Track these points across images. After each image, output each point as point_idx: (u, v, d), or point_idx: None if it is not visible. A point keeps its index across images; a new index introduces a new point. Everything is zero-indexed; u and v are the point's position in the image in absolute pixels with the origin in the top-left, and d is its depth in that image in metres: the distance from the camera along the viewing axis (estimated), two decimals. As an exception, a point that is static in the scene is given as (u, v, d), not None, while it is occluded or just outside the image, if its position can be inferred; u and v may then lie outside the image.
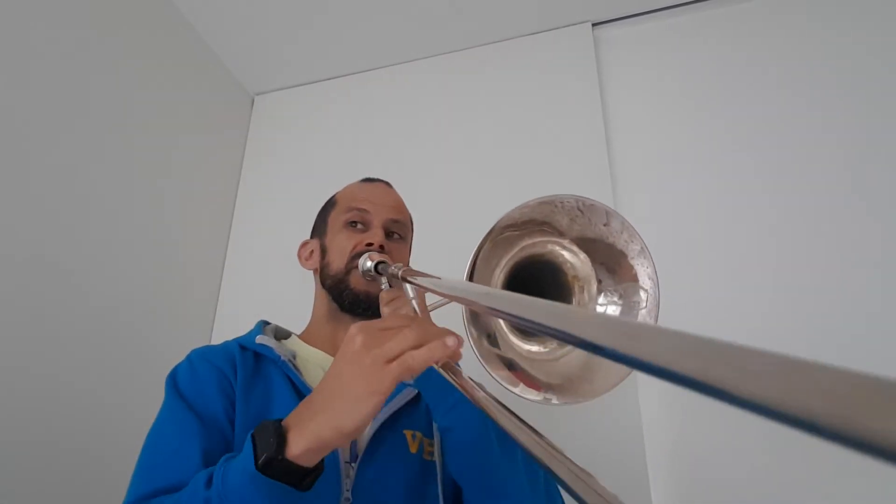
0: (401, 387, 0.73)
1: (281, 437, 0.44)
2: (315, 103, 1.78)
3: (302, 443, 0.44)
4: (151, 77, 1.41)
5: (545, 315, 0.25)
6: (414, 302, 0.62)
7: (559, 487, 0.67)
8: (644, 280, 0.51)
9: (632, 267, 0.51)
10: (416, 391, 0.73)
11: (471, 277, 0.49)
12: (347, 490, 0.62)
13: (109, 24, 1.29)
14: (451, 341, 0.44)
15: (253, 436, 0.46)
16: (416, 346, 0.44)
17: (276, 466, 0.44)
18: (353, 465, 0.64)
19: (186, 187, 1.50)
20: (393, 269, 0.67)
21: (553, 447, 0.31)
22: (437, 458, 0.68)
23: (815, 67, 1.34)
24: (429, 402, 0.65)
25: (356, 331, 0.47)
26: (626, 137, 1.43)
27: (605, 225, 0.51)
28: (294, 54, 1.69)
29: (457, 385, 0.45)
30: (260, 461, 0.43)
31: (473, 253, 0.48)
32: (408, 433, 0.70)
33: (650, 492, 1.06)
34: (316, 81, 1.80)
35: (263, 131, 1.79)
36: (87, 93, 1.21)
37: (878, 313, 1.10)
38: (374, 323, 0.48)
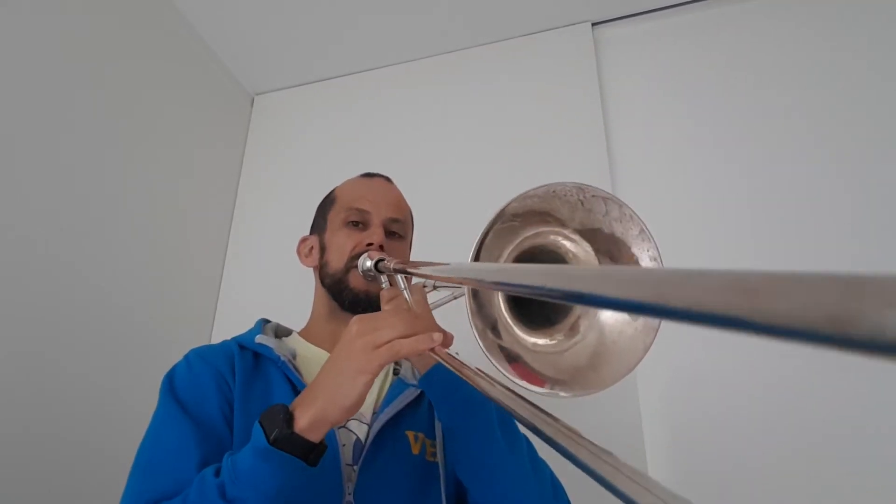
0: (402, 387, 0.72)
1: (289, 415, 0.49)
2: (315, 103, 1.78)
3: (306, 417, 0.48)
4: (151, 77, 1.41)
5: (544, 277, 0.25)
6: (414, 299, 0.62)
7: (564, 485, 0.66)
8: (645, 262, 0.50)
9: (632, 253, 0.50)
10: (418, 392, 0.72)
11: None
12: (349, 493, 0.61)
13: (109, 24, 1.29)
14: (437, 336, 0.49)
15: (260, 421, 0.49)
16: (405, 336, 0.49)
17: (286, 441, 0.47)
18: (354, 467, 0.63)
19: (186, 187, 1.50)
20: (392, 264, 0.66)
21: (570, 429, 0.31)
22: (439, 458, 0.68)
23: (814, 66, 1.34)
24: (432, 399, 0.65)
25: (354, 321, 0.53)
26: (625, 137, 1.43)
27: (604, 215, 0.50)
28: (294, 54, 1.69)
29: (462, 376, 0.46)
30: (272, 436, 0.47)
31: (477, 241, 0.48)
32: (410, 434, 0.69)
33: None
34: (316, 81, 1.80)
35: (263, 131, 1.79)
36: (87, 93, 1.21)
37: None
38: (371, 315, 0.53)
